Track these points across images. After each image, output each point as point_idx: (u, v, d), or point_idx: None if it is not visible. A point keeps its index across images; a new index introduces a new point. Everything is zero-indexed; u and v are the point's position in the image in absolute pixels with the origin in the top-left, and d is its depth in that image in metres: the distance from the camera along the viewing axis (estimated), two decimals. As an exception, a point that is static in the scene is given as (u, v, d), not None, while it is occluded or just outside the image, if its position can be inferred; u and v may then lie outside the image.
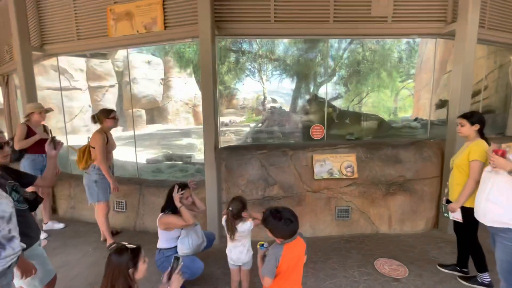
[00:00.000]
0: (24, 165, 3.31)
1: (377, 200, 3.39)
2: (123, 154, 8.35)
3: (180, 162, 6.37)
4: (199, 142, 10.82)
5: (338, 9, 3.23)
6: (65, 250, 3.23)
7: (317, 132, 3.68)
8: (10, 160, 3.35)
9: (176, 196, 2.25)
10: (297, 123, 5.93)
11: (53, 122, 13.38)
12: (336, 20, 3.25)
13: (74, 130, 13.60)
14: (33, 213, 1.80)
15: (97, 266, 2.84)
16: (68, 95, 13.51)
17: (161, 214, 2.36)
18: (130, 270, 1.34)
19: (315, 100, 4.12)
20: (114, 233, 3.47)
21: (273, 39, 6.50)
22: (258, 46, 11.34)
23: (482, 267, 2.31)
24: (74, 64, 13.42)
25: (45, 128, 3.47)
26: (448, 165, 2.55)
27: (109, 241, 3.18)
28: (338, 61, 11.06)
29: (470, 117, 2.25)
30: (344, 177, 3.32)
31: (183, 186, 2.36)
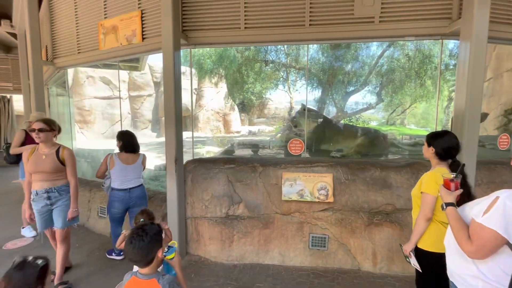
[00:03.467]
0: (20, 167, 3.61)
1: (358, 230, 2.87)
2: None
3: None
4: (217, 150, 10.94)
5: (314, 12, 2.90)
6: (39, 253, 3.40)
7: (296, 147, 3.31)
8: (8, 162, 3.70)
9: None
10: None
11: (96, 127, 14.88)
12: (312, 24, 2.91)
13: (114, 135, 15.08)
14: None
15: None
16: (111, 104, 15.04)
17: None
18: None
19: (304, 111, 3.73)
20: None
21: (245, 46, 6.24)
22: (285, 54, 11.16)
23: None
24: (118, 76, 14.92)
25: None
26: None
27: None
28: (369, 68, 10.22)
29: (429, 137, 1.77)
30: (317, 200, 2.89)
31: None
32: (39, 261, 1.23)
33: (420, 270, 1.69)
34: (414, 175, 2.82)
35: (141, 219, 1.94)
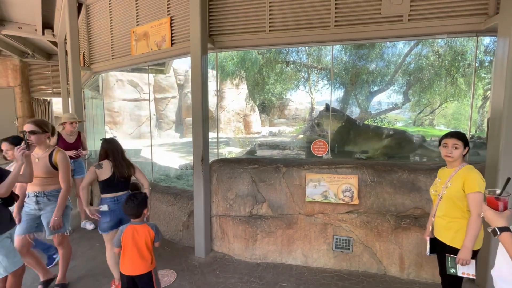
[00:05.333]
0: None
1: (384, 234, 2.81)
2: (166, 158, 9.18)
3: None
4: (238, 151, 11.10)
5: (339, 12, 2.88)
6: (79, 242, 3.68)
7: (319, 148, 3.30)
8: None
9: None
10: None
11: (125, 128, 15.58)
12: (337, 25, 2.90)
13: (140, 136, 15.79)
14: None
15: (94, 261, 3.14)
16: (138, 105, 15.78)
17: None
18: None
19: (327, 111, 3.69)
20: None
21: (270, 48, 6.24)
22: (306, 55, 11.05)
23: None
24: (144, 79, 15.65)
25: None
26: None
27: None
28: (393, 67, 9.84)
29: (463, 138, 1.78)
30: (341, 202, 2.86)
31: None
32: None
33: (474, 277, 1.66)
34: (445, 179, 2.71)
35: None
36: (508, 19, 2.30)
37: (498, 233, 1.09)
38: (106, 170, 2.41)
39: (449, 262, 1.75)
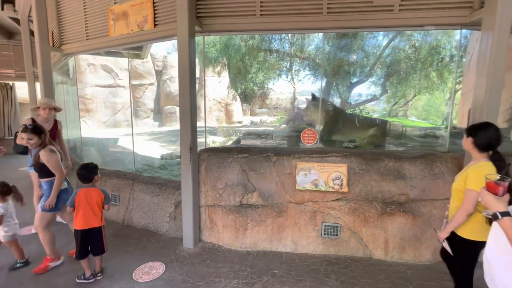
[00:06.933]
0: (29, 157, 3.53)
1: (371, 219, 2.92)
2: (145, 148, 8.83)
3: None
4: (222, 140, 10.94)
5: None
6: (57, 237, 3.44)
7: (309, 137, 3.31)
8: (16, 152, 3.58)
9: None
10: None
11: (99, 116, 14.68)
12: (330, 12, 2.86)
13: (116, 124, 15.00)
14: None
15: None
16: (113, 92, 14.89)
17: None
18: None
19: (314, 101, 3.71)
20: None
21: (260, 34, 6.16)
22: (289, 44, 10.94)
23: None
24: (120, 64, 14.73)
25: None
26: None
27: None
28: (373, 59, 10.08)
29: (469, 128, 1.78)
30: (331, 189, 2.92)
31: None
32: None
33: (452, 254, 1.75)
34: (428, 166, 2.85)
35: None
36: (492, 13, 2.39)
37: (500, 217, 1.09)
38: (58, 153, 2.65)
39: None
